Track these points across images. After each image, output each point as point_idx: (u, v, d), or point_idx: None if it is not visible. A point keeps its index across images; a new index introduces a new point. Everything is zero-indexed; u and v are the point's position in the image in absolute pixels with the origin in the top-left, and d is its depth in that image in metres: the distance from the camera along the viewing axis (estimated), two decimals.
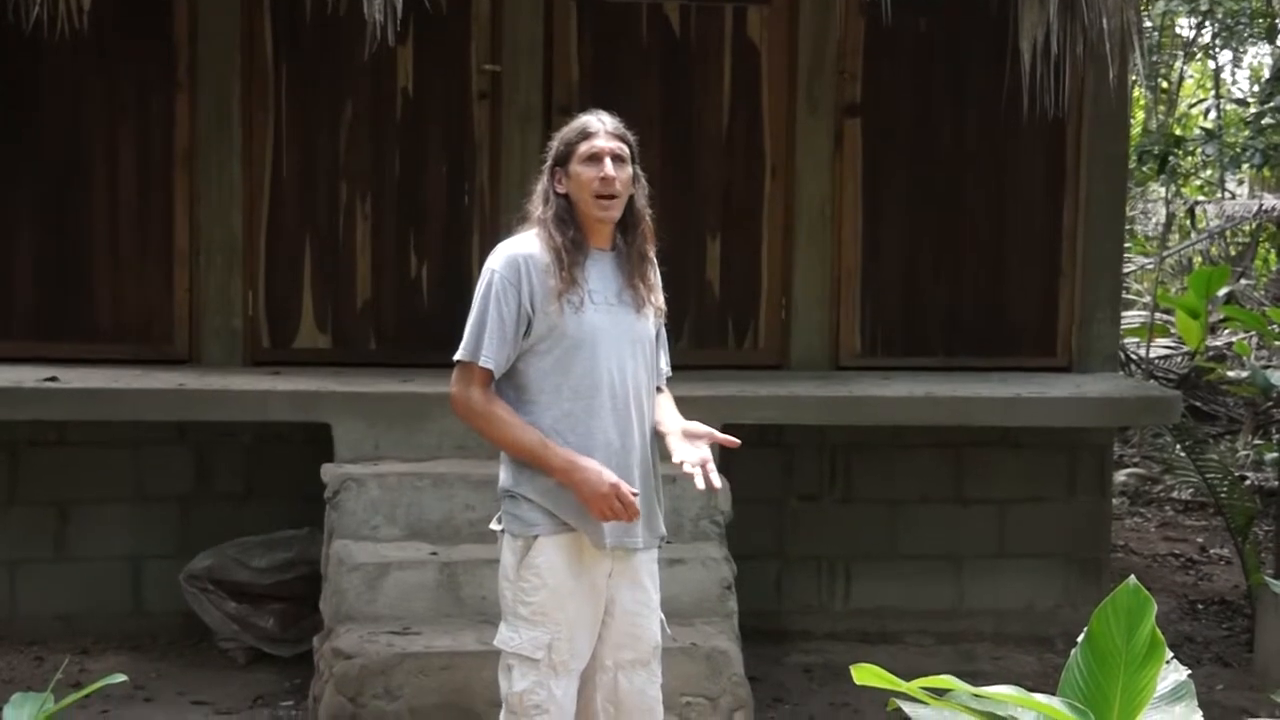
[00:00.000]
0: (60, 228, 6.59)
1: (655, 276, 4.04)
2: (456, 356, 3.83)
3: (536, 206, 3.90)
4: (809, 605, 6.83)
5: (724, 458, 5.96)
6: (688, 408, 5.89)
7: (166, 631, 6.51)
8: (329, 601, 5.43)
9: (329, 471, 5.79)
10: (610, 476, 3.77)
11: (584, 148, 3.86)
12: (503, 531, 3.92)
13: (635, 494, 3.82)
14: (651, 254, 4.04)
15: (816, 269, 6.79)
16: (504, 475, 3.92)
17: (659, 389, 4.09)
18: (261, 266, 6.67)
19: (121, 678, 3.26)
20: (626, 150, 3.90)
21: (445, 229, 6.73)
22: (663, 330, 4.13)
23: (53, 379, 6.06)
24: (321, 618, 5.48)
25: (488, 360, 3.78)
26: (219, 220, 6.58)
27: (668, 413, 4.07)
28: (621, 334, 3.90)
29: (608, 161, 3.84)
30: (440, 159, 6.73)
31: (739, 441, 3.97)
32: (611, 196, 3.85)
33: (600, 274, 3.89)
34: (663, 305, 4.06)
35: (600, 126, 3.90)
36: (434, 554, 5.49)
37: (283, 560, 6.26)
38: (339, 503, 5.66)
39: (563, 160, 3.88)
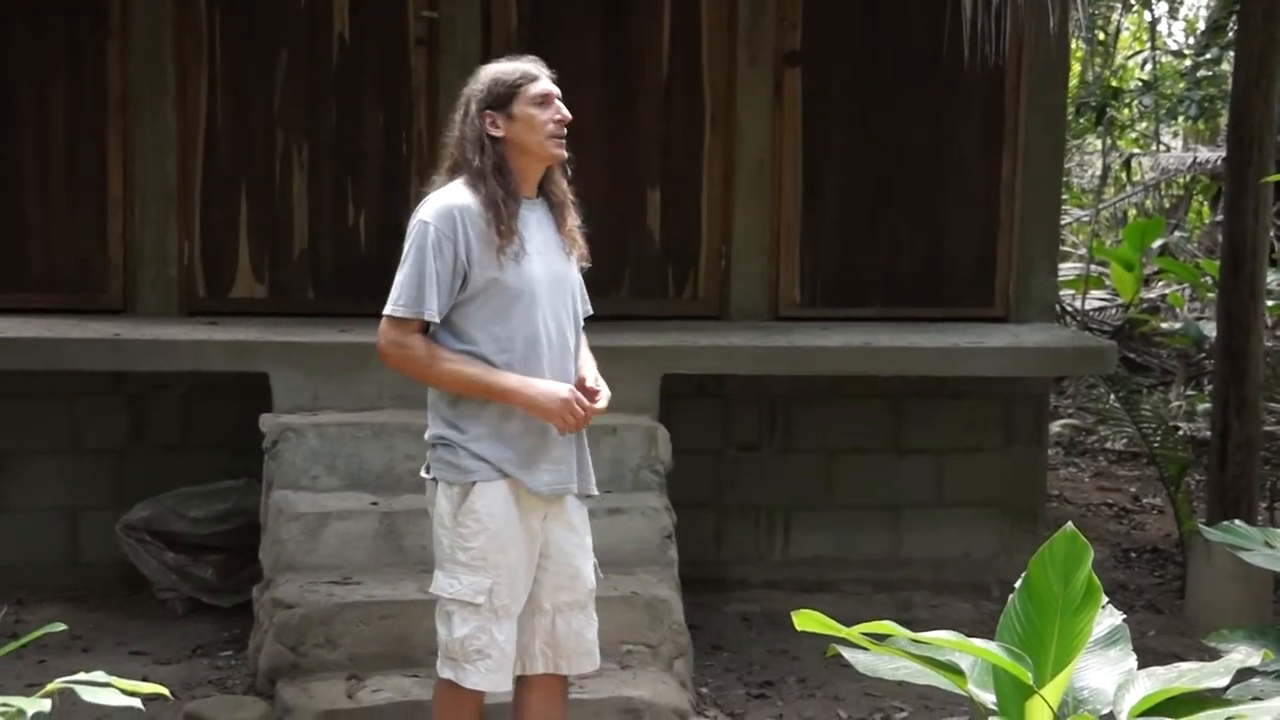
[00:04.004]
0: None
1: (576, 220, 4.05)
2: (392, 312, 3.80)
3: (469, 154, 3.84)
4: (748, 554, 6.87)
5: (665, 408, 6.02)
6: (627, 357, 5.95)
7: (104, 582, 6.46)
8: (268, 551, 5.41)
9: (267, 422, 5.75)
10: (564, 386, 3.82)
11: (533, 90, 3.85)
12: (433, 480, 3.92)
13: (596, 393, 3.89)
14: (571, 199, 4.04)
15: (756, 219, 6.79)
16: (436, 424, 3.92)
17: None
18: (197, 215, 6.60)
19: (60, 627, 3.23)
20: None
21: (383, 177, 6.67)
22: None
23: None
24: (260, 568, 5.47)
25: (430, 313, 3.77)
26: (153, 168, 6.50)
27: (586, 362, 4.09)
28: (555, 283, 3.92)
29: (559, 103, 3.85)
30: (377, 107, 6.67)
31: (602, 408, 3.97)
32: (564, 136, 3.86)
33: (533, 223, 3.89)
34: (585, 250, 4.06)
35: (540, 69, 3.91)
36: (374, 504, 5.47)
37: (221, 511, 6.23)
38: (278, 453, 5.63)
39: (501, 103, 3.84)
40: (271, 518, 5.46)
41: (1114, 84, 14.32)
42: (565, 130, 3.88)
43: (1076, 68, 14.87)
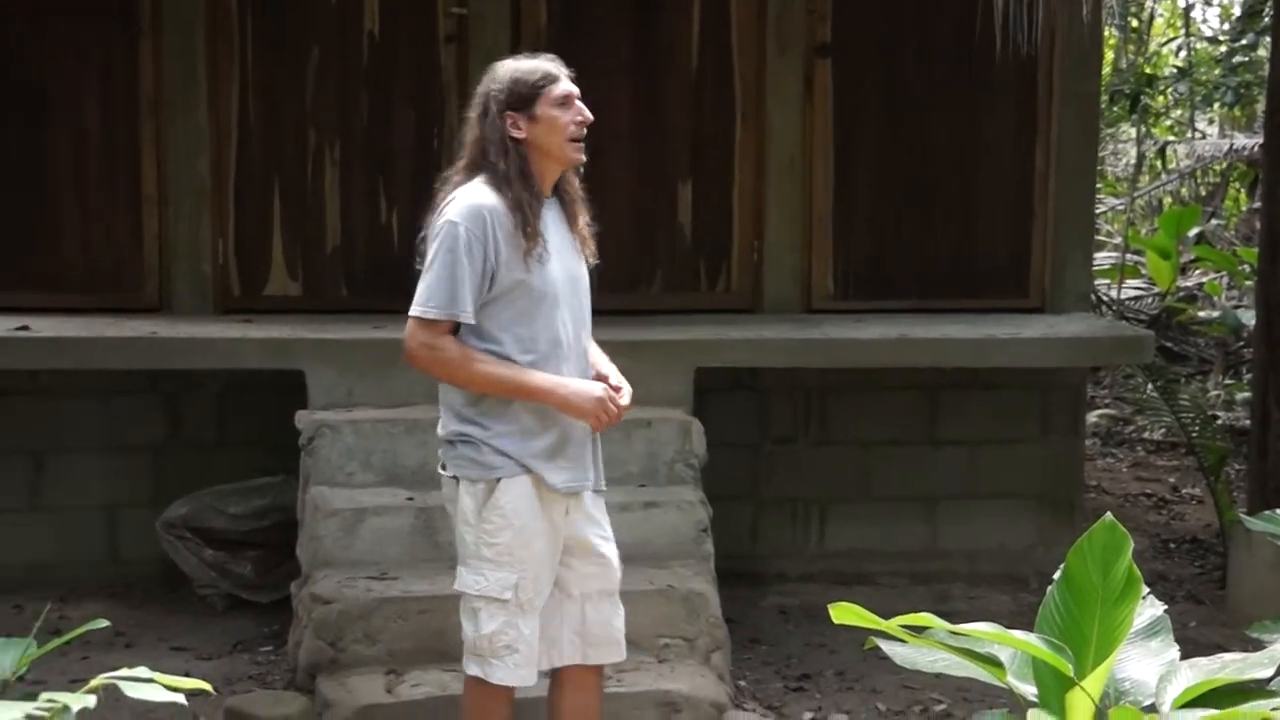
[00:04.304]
0: (26, 176, 6.53)
1: (586, 218, 4.05)
2: (423, 313, 3.76)
3: (493, 156, 3.80)
4: (784, 547, 6.86)
5: (699, 401, 6.02)
6: (660, 351, 5.96)
7: (144, 579, 6.51)
8: (306, 548, 5.43)
9: (303, 418, 5.77)
10: (598, 385, 3.85)
11: (556, 91, 3.82)
12: (453, 477, 3.91)
13: (620, 389, 3.92)
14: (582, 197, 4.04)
15: (788, 211, 6.78)
16: (454, 422, 3.89)
17: None
18: (231, 214, 6.63)
19: (104, 623, 3.25)
20: None
21: (414, 174, 6.68)
22: None
23: (24, 328, 6.03)
24: (298, 564, 5.49)
25: (465, 314, 3.75)
26: (186, 167, 6.53)
27: (601, 359, 4.11)
28: (571, 283, 3.93)
29: (580, 104, 3.84)
30: (408, 104, 6.68)
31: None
32: (584, 138, 3.85)
33: (550, 223, 3.88)
34: (595, 248, 4.07)
35: (560, 69, 3.88)
36: (410, 499, 5.48)
37: (258, 507, 6.26)
38: (314, 449, 5.65)
39: (523, 104, 3.81)
40: (308, 514, 5.48)
41: (1148, 71, 14.22)
42: (585, 131, 3.86)
43: (1110, 55, 14.77)
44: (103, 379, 6.42)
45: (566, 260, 3.90)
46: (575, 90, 3.86)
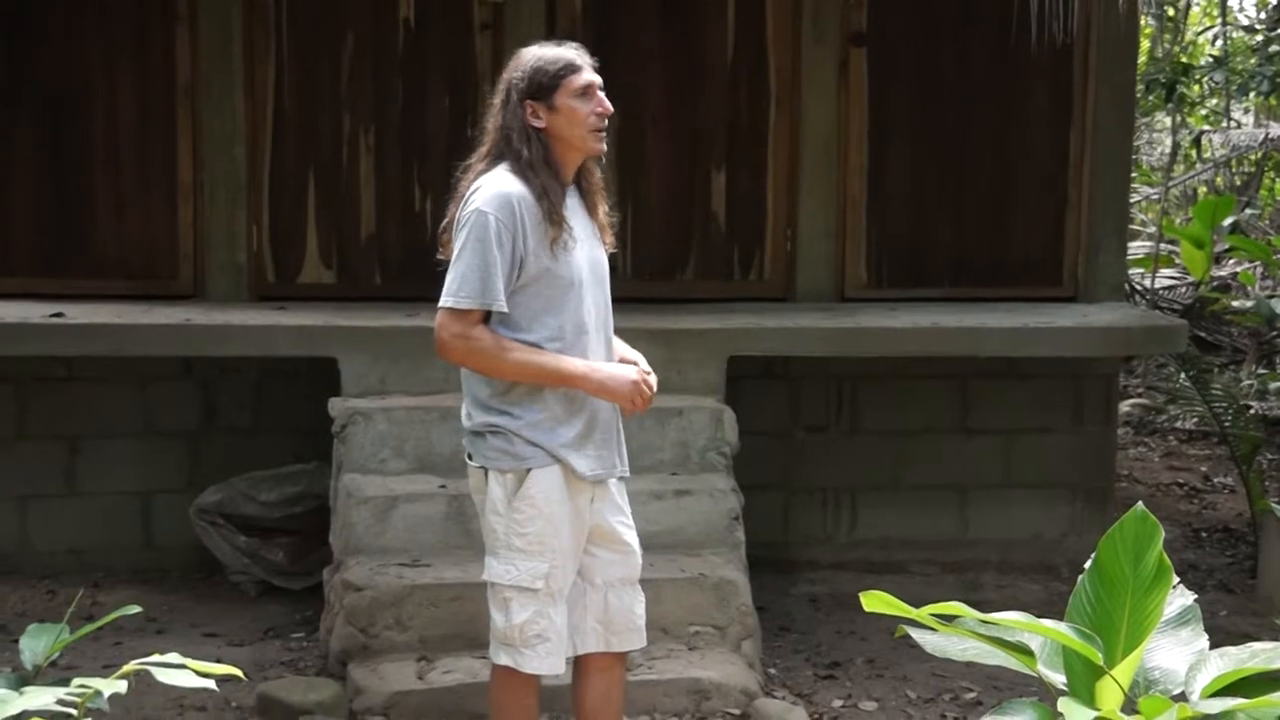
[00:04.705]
0: (63, 163, 6.57)
1: (605, 207, 4.06)
2: (455, 304, 3.75)
3: (517, 144, 3.80)
4: (815, 536, 6.86)
5: (730, 389, 6.02)
6: (694, 339, 5.96)
7: (177, 565, 6.56)
8: (338, 534, 5.46)
9: (336, 406, 5.80)
10: (631, 369, 3.89)
11: (577, 81, 3.81)
12: (480, 468, 3.91)
13: (648, 373, 3.93)
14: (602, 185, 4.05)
15: (822, 200, 6.77)
16: (482, 412, 3.89)
17: None
18: (265, 201, 6.66)
19: (135, 609, 3.28)
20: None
21: (449, 162, 6.64)
22: None
23: (59, 315, 6.07)
24: (331, 551, 5.52)
25: (499, 303, 3.75)
26: (222, 154, 6.56)
27: (623, 346, 4.14)
28: (596, 270, 3.94)
29: (602, 94, 3.83)
30: (443, 91, 6.70)
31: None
32: (605, 129, 3.85)
33: (572, 212, 3.88)
34: (613, 238, 4.08)
35: (584, 58, 3.86)
36: (442, 487, 5.50)
37: (291, 494, 6.29)
38: (347, 436, 5.68)
39: (543, 94, 3.79)
40: (341, 501, 5.51)
41: (1184, 60, 14.13)
42: (605, 123, 3.86)
43: (1146, 44, 14.67)
44: (138, 366, 6.46)
45: (589, 248, 3.91)
46: (597, 80, 3.84)
